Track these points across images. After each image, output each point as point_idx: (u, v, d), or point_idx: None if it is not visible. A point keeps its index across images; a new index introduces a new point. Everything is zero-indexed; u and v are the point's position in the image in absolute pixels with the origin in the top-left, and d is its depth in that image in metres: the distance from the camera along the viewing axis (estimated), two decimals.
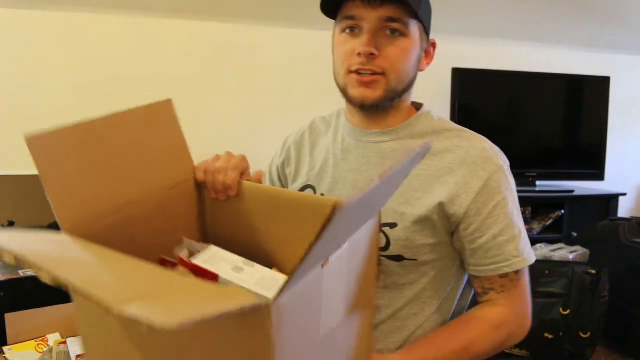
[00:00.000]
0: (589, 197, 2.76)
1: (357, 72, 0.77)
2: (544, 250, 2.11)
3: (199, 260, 0.63)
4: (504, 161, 0.80)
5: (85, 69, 2.52)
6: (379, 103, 0.79)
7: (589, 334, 1.72)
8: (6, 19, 2.41)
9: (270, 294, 0.55)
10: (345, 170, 0.85)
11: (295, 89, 2.63)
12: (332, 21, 0.86)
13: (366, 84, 0.77)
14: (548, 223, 2.69)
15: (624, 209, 3.25)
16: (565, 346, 1.73)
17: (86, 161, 0.68)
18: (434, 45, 0.87)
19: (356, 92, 0.78)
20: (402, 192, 0.78)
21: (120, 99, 2.59)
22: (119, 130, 0.76)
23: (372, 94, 0.77)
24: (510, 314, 0.82)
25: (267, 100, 2.64)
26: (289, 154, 0.99)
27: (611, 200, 2.74)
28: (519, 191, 2.68)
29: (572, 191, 2.72)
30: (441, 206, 0.76)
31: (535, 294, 1.84)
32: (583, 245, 2.14)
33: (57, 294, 1.55)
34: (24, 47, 2.44)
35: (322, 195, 0.88)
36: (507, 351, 1.81)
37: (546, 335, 1.74)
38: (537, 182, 2.80)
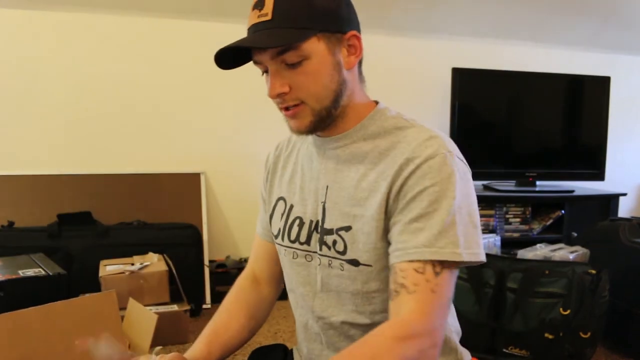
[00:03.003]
0: (589, 197, 2.76)
1: (284, 108, 0.78)
2: (544, 250, 2.11)
3: None
4: (448, 152, 0.74)
5: (85, 69, 2.52)
6: (312, 128, 0.78)
7: (589, 334, 1.72)
8: (6, 19, 2.41)
9: None
10: (309, 179, 0.86)
11: None
12: None
13: (293, 116, 0.78)
14: (548, 223, 2.69)
15: (624, 209, 3.25)
16: (565, 346, 1.73)
17: (15, 353, 0.67)
18: (356, 37, 0.78)
19: (290, 124, 0.79)
20: (352, 194, 0.78)
21: (119, 99, 2.60)
22: (51, 322, 0.75)
23: (302, 123, 0.78)
24: (418, 324, 0.67)
25: (267, 99, 2.64)
26: (269, 169, 1.00)
27: (611, 200, 2.74)
28: (519, 191, 2.65)
29: (572, 191, 2.72)
30: (384, 201, 0.74)
31: (535, 294, 1.84)
32: (583, 245, 2.14)
33: (56, 294, 1.55)
34: (24, 47, 2.44)
35: (292, 206, 0.88)
36: (506, 351, 1.81)
37: (546, 335, 1.74)
38: (537, 182, 2.80)
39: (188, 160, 2.66)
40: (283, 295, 0.97)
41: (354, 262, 0.78)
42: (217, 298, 2.49)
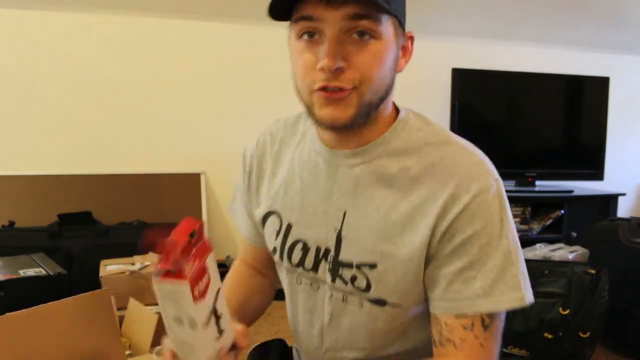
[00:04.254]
0: (589, 197, 2.77)
1: (323, 88, 0.62)
2: (544, 250, 2.12)
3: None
4: (495, 180, 0.65)
5: (85, 69, 2.52)
6: (352, 122, 0.64)
7: (588, 333, 1.72)
8: (6, 19, 2.41)
9: None
10: (315, 197, 0.73)
11: None
12: None
13: (335, 102, 0.62)
14: (548, 223, 2.69)
15: (624, 209, 3.25)
16: (564, 346, 1.73)
17: (6, 357, 0.67)
18: (411, 38, 0.70)
19: (324, 112, 0.63)
20: (381, 227, 0.67)
21: (119, 99, 2.60)
22: (45, 324, 0.73)
23: (343, 114, 0.63)
24: None
25: (267, 99, 2.64)
26: (250, 170, 0.84)
27: (611, 200, 2.74)
28: (519, 191, 2.66)
29: (571, 191, 2.73)
30: (426, 244, 0.65)
31: (535, 294, 1.84)
32: (583, 245, 2.15)
33: (57, 294, 1.55)
34: (24, 47, 2.44)
35: (290, 225, 0.75)
36: (506, 351, 1.81)
37: (546, 335, 1.74)
38: (537, 182, 2.80)
39: (188, 160, 2.67)
40: (282, 296, 0.93)
41: (380, 302, 0.69)
42: None
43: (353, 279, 0.69)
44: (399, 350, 0.74)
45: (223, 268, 2.84)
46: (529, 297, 0.65)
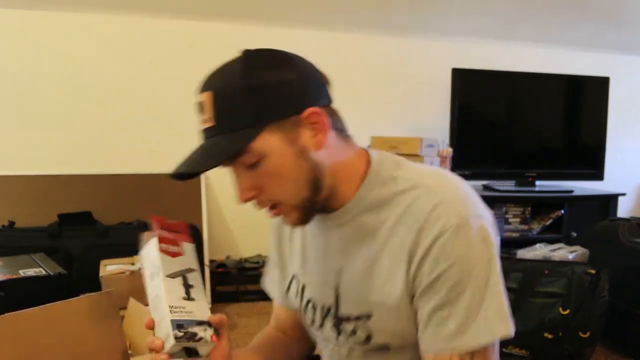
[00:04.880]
0: (589, 197, 2.77)
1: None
2: (544, 250, 2.12)
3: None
4: (459, 218, 0.65)
5: (85, 69, 2.52)
6: (304, 219, 0.70)
7: (588, 333, 1.72)
8: (6, 19, 2.41)
9: None
10: (317, 259, 0.78)
11: None
12: (333, 21, 0.81)
13: (279, 214, 0.70)
14: (547, 223, 2.69)
15: (624, 209, 3.25)
16: (564, 346, 1.73)
17: (13, 355, 0.67)
18: (315, 113, 0.66)
19: (283, 221, 0.72)
20: (369, 280, 0.70)
21: (119, 99, 2.60)
22: (50, 323, 0.74)
23: (291, 220, 0.70)
24: None
25: None
26: (277, 230, 0.91)
27: (610, 200, 2.74)
28: (518, 191, 2.65)
29: (571, 191, 2.73)
30: (405, 286, 0.67)
31: (535, 294, 1.85)
32: (582, 245, 2.14)
33: (57, 294, 1.55)
34: (24, 47, 2.45)
35: (304, 286, 0.81)
36: (506, 351, 1.81)
37: (546, 335, 1.74)
38: (537, 182, 2.80)
39: None
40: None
41: (384, 348, 0.72)
42: (217, 298, 2.49)
43: (353, 332, 0.73)
44: None
45: (223, 268, 2.83)
46: (504, 330, 0.65)
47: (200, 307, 0.70)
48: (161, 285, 0.68)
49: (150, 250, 0.73)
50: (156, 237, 0.72)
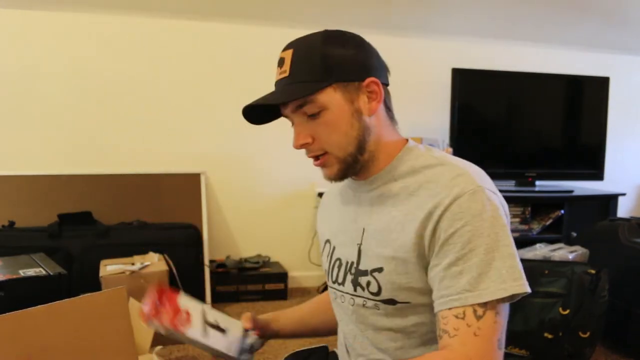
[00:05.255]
0: (589, 197, 2.77)
1: (312, 157, 0.81)
2: (544, 250, 2.12)
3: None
4: (478, 186, 0.73)
5: (85, 69, 2.52)
6: (342, 175, 0.81)
7: (588, 333, 1.72)
8: (6, 19, 2.41)
9: None
10: (348, 221, 0.87)
11: None
12: (333, 21, 0.86)
13: (322, 165, 0.81)
14: (548, 223, 2.69)
15: (624, 209, 3.25)
16: (564, 346, 1.73)
17: (18, 353, 0.68)
18: (375, 83, 0.79)
19: (323, 173, 0.82)
20: (383, 237, 0.79)
21: (119, 99, 2.60)
22: (58, 321, 0.75)
23: (331, 172, 0.80)
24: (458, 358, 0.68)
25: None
26: (319, 216, 1.03)
27: (611, 200, 2.74)
28: (519, 191, 2.65)
29: (571, 191, 2.73)
30: (416, 244, 0.74)
31: (535, 294, 1.85)
32: (582, 245, 2.14)
33: (57, 294, 1.55)
34: (24, 47, 2.45)
35: (334, 247, 0.90)
36: (506, 351, 1.81)
37: (546, 335, 1.74)
38: (537, 182, 2.80)
39: (188, 160, 2.67)
40: (282, 296, 0.99)
41: (391, 302, 0.78)
42: (217, 298, 2.49)
43: (368, 284, 0.80)
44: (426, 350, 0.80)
45: (223, 268, 2.83)
46: (517, 287, 0.69)
47: (233, 328, 0.87)
48: (209, 344, 0.80)
49: (172, 333, 0.80)
50: (166, 326, 0.78)
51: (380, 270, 0.78)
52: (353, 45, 0.79)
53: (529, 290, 0.71)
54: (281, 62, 0.78)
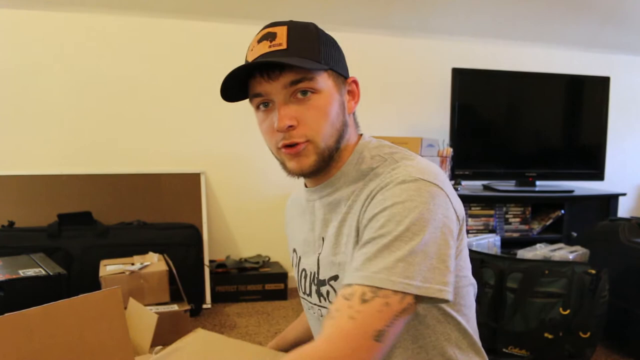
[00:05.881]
0: (589, 197, 2.77)
1: (285, 146, 0.74)
2: (544, 250, 2.11)
3: None
4: (413, 177, 0.68)
5: (85, 68, 2.52)
6: (317, 167, 0.75)
7: (588, 334, 1.72)
8: (6, 19, 2.41)
9: None
10: (306, 231, 0.86)
11: None
12: (333, 22, 0.86)
13: (297, 156, 0.74)
14: (548, 223, 2.69)
15: (624, 209, 3.25)
16: (565, 346, 1.73)
17: (17, 353, 0.68)
18: (355, 82, 0.80)
19: (291, 165, 0.76)
20: (335, 242, 0.77)
21: (119, 99, 2.60)
22: (54, 322, 0.74)
23: (306, 162, 0.74)
24: (321, 354, 0.60)
25: None
26: (286, 223, 1.02)
27: (611, 200, 2.74)
28: (519, 191, 2.64)
29: (572, 191, 2.72)
30: (357, 244, 0.72)
31: (535, 293, 1.85)
32: (583, 245, 2.14)
33: (57, 294, 1.55)
34: (24, 47, 2.45)
35: (300, 258, 0.88)
36: (506, 351, 1.81)
37: (546, 335, 1.74)
38: (537, 182, 2.80)
39: (188, 160, 2.67)
40: (282, 296, 1.00)
41: None
42: (217, 298, 2.49)
43: (327, 293, 0.78)
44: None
45: (223, 268, 2.83)
46: (404, 286, 0.61)
47: None
48: None
49: None
50: None
51: (335, 278, 0.76)
52: (336, 43, 0.80)
53: (415, 292, 0.62)
54: (272, 36, 0.73)
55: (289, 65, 0.70)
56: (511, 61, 3.02)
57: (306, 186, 0.85)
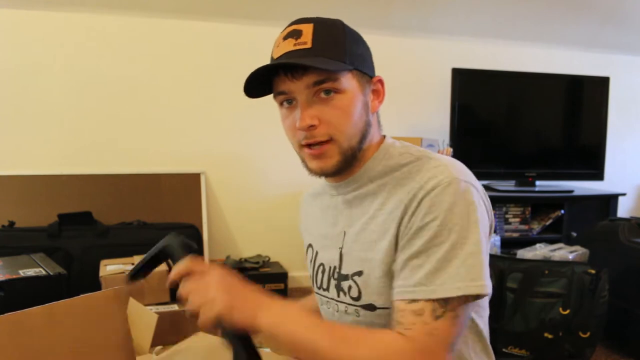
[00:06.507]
0: (589, 197, 2.77)
1: (307, 145, 0.74)
2: (544, 250, 2.12)
3: None
4: (453, 178, 0.69)
5: (85, 69, 2.52)
6: (339, 168, 0.75)
7: (588, 333, 1.72)
8: (6, 19, 2.41)
9: None
10: (327, 226, 0.85)
11: None
12: None
13: (319, 156, 0.74)
14: (548, 223, 2.69)
15: (624, 209, 3.25)
16: (565, 346, 1.73)
17: (17, 354, 0.68)
18: (380, 82, 0.80)
19: (313, 164, 0.76)
20: (364, 238, 0.76)
21: (119, 99, 2.60)
22: (55, 322, 0.74)
23: (329, 163, 0.74)
24: (412, 354, 0.64)
25: (267, 99, 2.64)
26: (301, 219, 1.00)
27: (611, 200, 2.74)
28: (519, 191, 2.65)
29: (571, 191, 2.72)
30: (394, 244, 0.72)
31: (534, 293, 1.85)
32: (583, 245, 2.14)
33: (57, 294, 1.55)
34: (24, 47, 2.44)
35: (317, 252, 0.87)
36: (506, 351, 1.81)
37: (546, 335, 1.74)
38: (537, 182, 2.80)
39: (188, 160, 2.67)
40: (282, 296, 0.99)
41: (370, 307, 0.76)
42: None
43: (349, 289, 0.78)
44: None
45: None
46: (473, 288, 0.65)
47: None
48: None
49: None
50: None
51: (360, 273, 0.76)
52: (363, 40, 0.79)
53: (486, 292, 0.66)
54: (297, 33, 0.73)
55: (312, 66, 0.70)
56: (511, 61, 3.02)
57: (327, 180, 0.85)
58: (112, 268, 1.98)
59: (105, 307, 0.80)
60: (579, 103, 2.89)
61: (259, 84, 0.76)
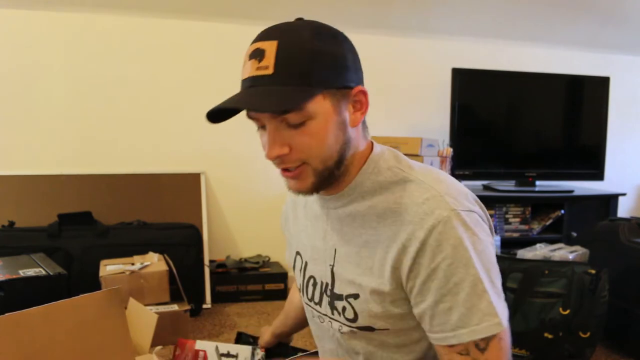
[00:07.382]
0: (589, 197, 2.77)
1: (282, 169, 0.72)
2: (544, 250, 2.12)
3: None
4: (452, 210, 0.67)
5: (85, 69, 2.52)
6: (315, 188, 0.72)
7: (588, 334, 1.72)
8: (6, 19, 2.41)
9: None
10: (317, 238, 0.82)
11: None
12: (332, 22, 0.82)
13: (295, 177, 0.71)
14: (548, 223, 2.69)
15: (624, 209, 3.25)
16: (565, 346, 1.73)
17: (17, 354, 0.68)
18: (362, 92, 0.71)
19: (290, 185, 0.73)
20: (358, 262, 0.75)
21: (119, 99, 2.60)
22: (54, 322, 0.74)
23: (304, 184, 0.71)
24: None
25: None
26: (284, 217, 0.99)
27: (611, 200, 2.74)
28: (518, 191, 2.64)
29: (571, 191, 2.73)
30: (393, 276, 0.70)
31: (534, 293, 1.85)
32: (583, 245, 2.14)
33: (57, 294, 1.55)
34: (24, 47, 2.45)
35: (306, 263, 0.86)
36: None
37: (546, 335, 1.74)
38: (537, 182, 2.80)
39: (188, 160, 2.67)
40: (282, 296, 1.03)
41: (369, 329, 0.76)
42: (217, 298, 2.49)
43: (344, 309, 0.77)
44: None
45: (223, 268, 2.82)
46: (504, 321, 0.67)
47: (243, 352, 1.09)
48: None
49: None
50: None
51: (356, 296, 0.75)
52: (343, 45, 0.70)
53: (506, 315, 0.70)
54: (259, 53, 0.66)
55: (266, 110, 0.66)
56: (511, 61, 3.02)
57: (320, 193, 0.82)
58: (112, 268, 1.98)
59: (105, 307, 0.80)
60: (579, 103, 2.89)
61: (223, 109, 0.70)
